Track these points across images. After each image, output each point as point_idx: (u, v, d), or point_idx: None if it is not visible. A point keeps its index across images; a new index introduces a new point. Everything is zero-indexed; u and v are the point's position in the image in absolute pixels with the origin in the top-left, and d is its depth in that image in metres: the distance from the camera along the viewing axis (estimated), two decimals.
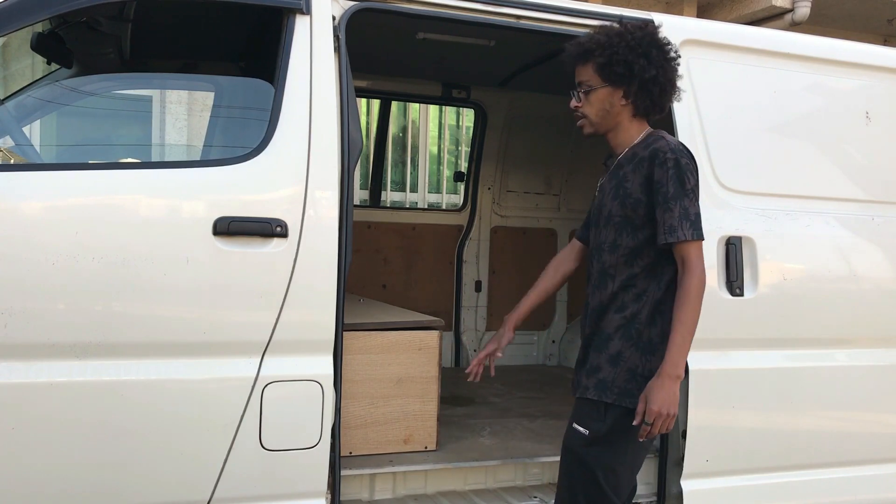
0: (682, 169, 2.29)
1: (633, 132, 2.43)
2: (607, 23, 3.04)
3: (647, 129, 2.45)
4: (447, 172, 8.30)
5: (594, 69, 2.38)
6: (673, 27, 3.13)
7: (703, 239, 2.30)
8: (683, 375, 2.27)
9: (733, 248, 3.01)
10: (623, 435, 2.32)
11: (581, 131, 2.49)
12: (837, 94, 3.37)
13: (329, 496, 2.65)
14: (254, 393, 2.52)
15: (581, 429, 2.37)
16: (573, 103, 2.45)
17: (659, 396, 2.20)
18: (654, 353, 2.31)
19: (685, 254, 2.28)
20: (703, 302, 2.91)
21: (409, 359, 3.09)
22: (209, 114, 3.87)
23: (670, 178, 2.28)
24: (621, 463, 2.33)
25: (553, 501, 3.03)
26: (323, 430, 2.59)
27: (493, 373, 2.73)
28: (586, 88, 2.41)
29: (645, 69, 2.33)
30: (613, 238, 2.39)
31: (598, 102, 2.40)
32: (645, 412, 2.21)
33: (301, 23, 2.66)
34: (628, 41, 2.34)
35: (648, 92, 2.36)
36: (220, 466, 2.50)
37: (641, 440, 2.29)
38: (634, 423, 2.24)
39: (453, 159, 8.42)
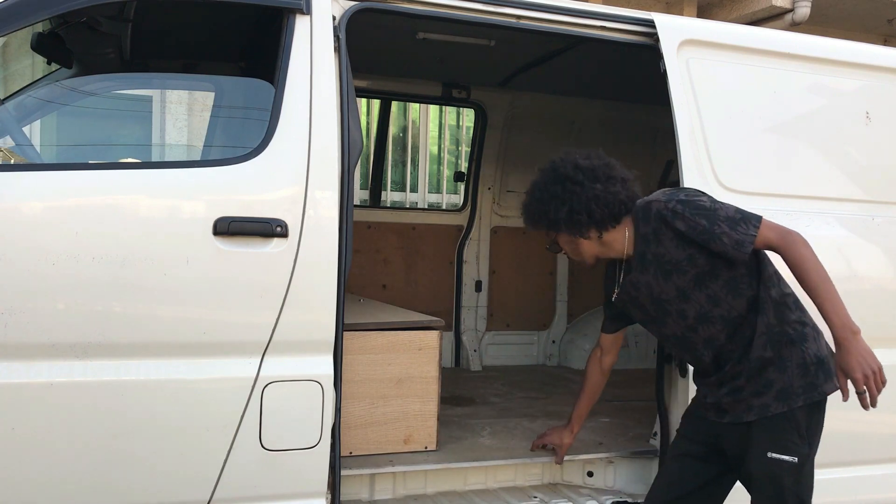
0: (689, 203, 2.30)
1: (619, 238, 2.43)
2: (606, 23, 3.05)
3: (628, 221, 2.42)
4: (447, 172, 8.29)
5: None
6: (672, 27, 3.13)
7: (762, 219, 2.29)
8: (858, 329, 2.15)
9: None
10: (817, 428, 2.35)
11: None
12: (837, 94, 3.37)
13: (329, 496, 2.65)
14: (254, 393, 2.52)
15: (785, 458, 2.28)
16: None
17: (852, 360, 2.11)
18: (806, 340, 2.32)
19: (765, 241, 2.27)
20: None
21: (409, 359, 3.09)
22: (209, 114, 3.87)
23: (691, 217, 2.28)
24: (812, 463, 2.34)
25: (556, 501, 3.03)
26: (323, 430, 2.59)
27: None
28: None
29: (557, 210, 2.40)
30: (697, 310, 2.36)
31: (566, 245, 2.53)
32: (853, 385, 2.11)
33: (301, 23, 2.66)
34: (536, 195, 2.45)
35: (575, 222, 2.39)
36: (221, 466, 2.50)
37: (868, 409, 2.13)
38: (843, 400, 2.14)
39: (453, 159, 8.42)
